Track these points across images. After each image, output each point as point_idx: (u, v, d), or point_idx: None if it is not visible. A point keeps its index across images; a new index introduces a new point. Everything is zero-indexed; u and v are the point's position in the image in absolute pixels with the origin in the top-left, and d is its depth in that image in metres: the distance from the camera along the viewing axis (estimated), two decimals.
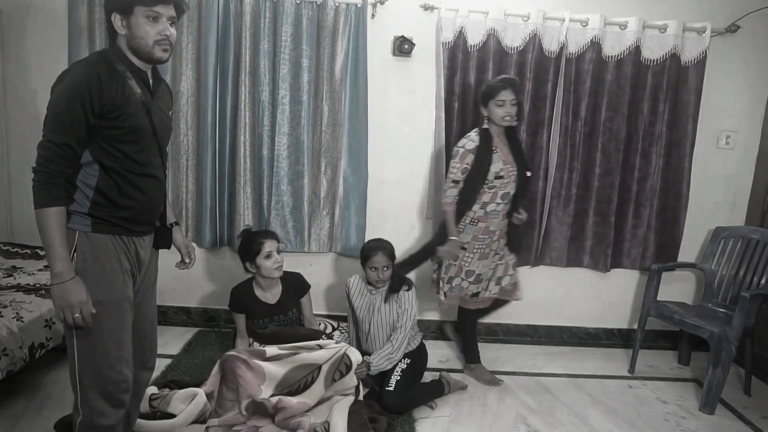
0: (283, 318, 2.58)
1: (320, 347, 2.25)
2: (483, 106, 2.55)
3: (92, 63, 1.47)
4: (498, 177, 2.52)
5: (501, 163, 2.52)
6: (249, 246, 2.49)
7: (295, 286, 2.63)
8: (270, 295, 2.58)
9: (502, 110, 2.48)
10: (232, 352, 2.23)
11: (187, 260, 1.93)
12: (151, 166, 1.58)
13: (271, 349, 2.24)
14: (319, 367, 2.21)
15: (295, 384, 2.19)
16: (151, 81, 1.60)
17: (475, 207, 2.56)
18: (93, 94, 1.41)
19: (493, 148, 2.52)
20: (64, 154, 1.41)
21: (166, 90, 1.71)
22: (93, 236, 1.50)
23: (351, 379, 2.24)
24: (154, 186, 1.60)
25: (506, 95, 2.47)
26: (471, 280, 2.65)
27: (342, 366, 2.23)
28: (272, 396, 2.15)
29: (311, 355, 2.22)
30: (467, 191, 2.54)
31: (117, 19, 1.49)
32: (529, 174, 2.64)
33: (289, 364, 2.21)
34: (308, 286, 2.66)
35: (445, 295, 2.70)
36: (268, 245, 2.47)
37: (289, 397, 2.14)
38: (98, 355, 1.52)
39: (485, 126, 2.55)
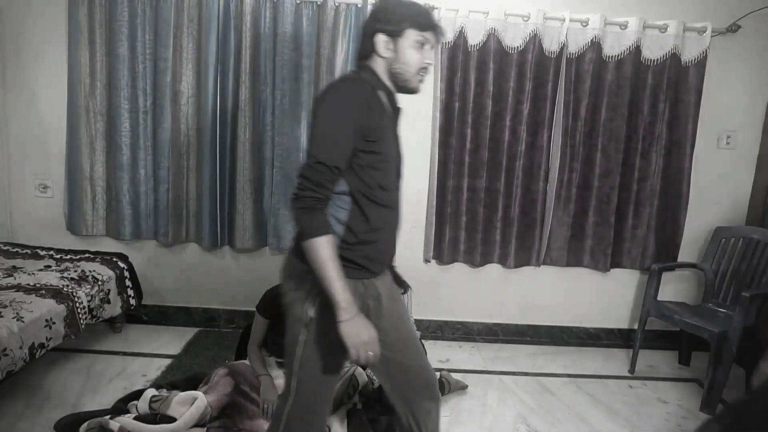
0: None
1: None
2: None
3: (359, 82, 1.37)
4: None
5: None
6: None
7: None
8: None
9: None
10: (242, 385, 2.19)
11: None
12: (393, 196, 1.45)
13: (280, 381, 2.22)
14: None
15: None
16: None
17: None
18: (362, 114, 1.31)
19: None
20: (334, 178, 1.30)
21: (400, 113, 1.55)
22: None
23: (355, 398, 2.29)
24: (395, 219, 1.47)
25: None
26: None
27: (350, 388, 2.26)
28: None
29: None
30: None
31: (383, 41, 1.39)
32: None
33: None
34: None
35: None
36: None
37: None
38: (310, 402, 1.42)
39: None
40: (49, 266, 2.74)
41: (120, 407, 2.16)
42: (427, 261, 3.20)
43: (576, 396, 2.69)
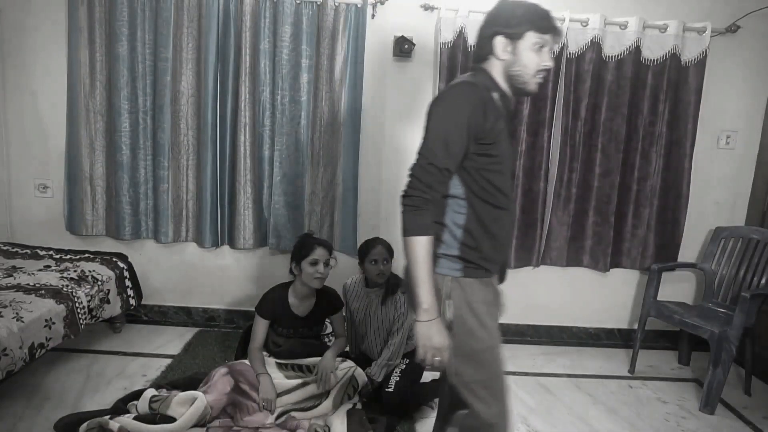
0: (307, 332, 2.46)
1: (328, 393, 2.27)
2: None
3: (475, 85, 1.36)
4: None
5: None
6: (301, 247, 2.38)
7: (328, 302, 2.47)
8: (303, 307, 2.42)
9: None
10: (242, 384, 2.20)
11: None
12: (509, 198, 1.44)
13: (279, 381, 2.24)
14: (328, 391, 2.25)
15: (302, 402, 2.23)
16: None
17: None
18: (477, 117, 1.31)
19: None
20: (444, 180, 1.33)
21: (516, 115, 1.53)
22: (464, 281, 1.38)
23: (355, 398, 2.30)
24: (511, 220, 1.48)
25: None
26: None
27: (350, 389, 2.27)
28: (281, 415, 2.17)
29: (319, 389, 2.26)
30: None
31: (501, 44, 1.39)
32: None
33: (299, 394, 2.25)
34: (342, 304, 2.52)
35: None
36: (318, 252, 2.32)
37: (299, 412, 2.20)
38: (494, 406, 1.42)
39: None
40: (49, 266, 2.74)
41: (120, 407, 2.16)
42: None
43: (576, 396, 2.69)
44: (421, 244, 1.31)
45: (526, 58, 1.38)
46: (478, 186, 1.37)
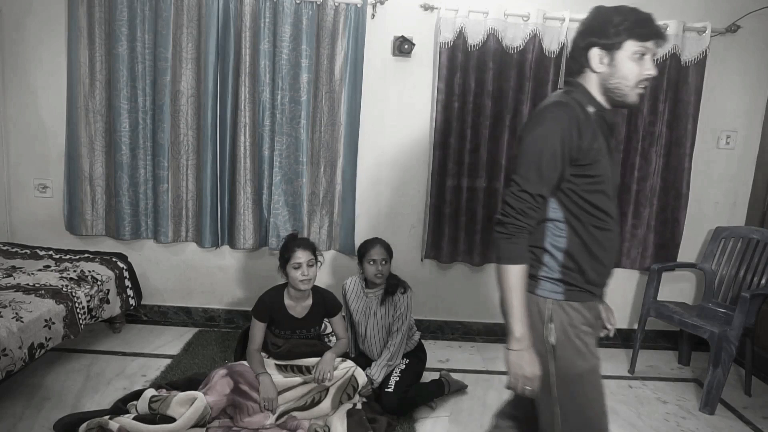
0: (305, 334, 2.41)
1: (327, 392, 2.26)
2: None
3: (569, 105, 1.29)
4: None
5: None
6: (284, 251, 2.35)
7: (325, 305, 2.43)
8: (299, 308, 2.39)
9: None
10: (242, 384, 2.19)
11: (609, 326, 1.62)
12: (612, 218, 1.36)
13: (278, 380, 2.24)
14: (327, 389, 2.24)
15: (301, 400, 2.23)
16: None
17: None
18: (572, 140, 1.26)
19: None
20: (537, 206, 1.29)
21: (615, 128, 1.44)
22: (566, 305, 1.34)
23: (355, 398, 2.29)
24: (615, 241, 1.40)
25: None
26: None
27: (349, 388, 2.25)
28: (281, 416, 2.18)
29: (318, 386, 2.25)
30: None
31: (597, 55, 1.30)
32: None
33: (299, 391, 2.25)
34: (340, 307, 2.47)
35: None
36: (300, 255, 2.28)
37: (299, 411, 2.20)
38: (583, 428, 1.39)
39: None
40: (49, 266, 2.74)
41: (119, 407, 2.16)
42: (422, 260, 3.21)
43: None
44: (514, 272, 1.29)
45: (626, 69, 1.28)
46: (578, 208, 1.32)
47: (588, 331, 1.37)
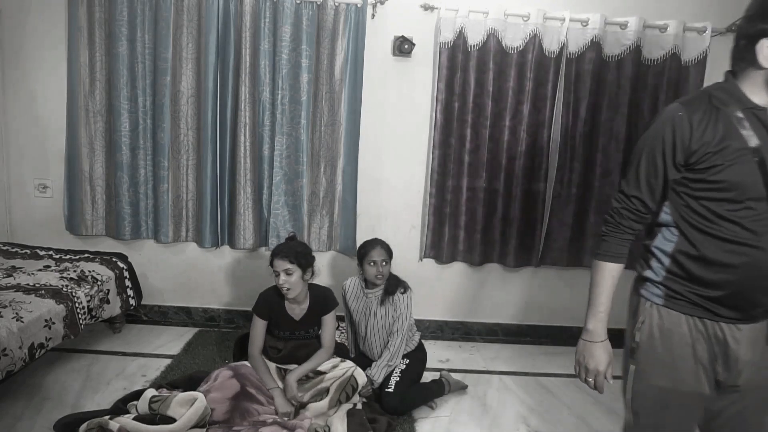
0: (304, 334, 2.40)
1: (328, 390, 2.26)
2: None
3: (688, 104, 1.21)
4: None
5: None
6: (270, 258, 2.33)
7: (320, 302, 2.39)
8: (298, 309, 2.36)
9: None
10: (248, 387, 2.20)
11: None
12: (748, 230, 1.17)
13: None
14: (327, 388, 2.24)
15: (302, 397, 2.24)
16: None
17: None
18: (677, 141, 1.17)
19: None
20: (633, 208, 1.28)
21: None
22: (664, 310, 1.27)
23: (355, 398, 2.29)
24: (757, 260, 1.17)
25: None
26: None
27: (348, 388, 2.25)
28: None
29: (320, 386, 2.26)
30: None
31: (767, 47, 1.12)
32: None
33: (300, 391, 2.26)
34: (334, 305, 2.41)
35: None
36: (277, 264, 2.26)
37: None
38: None
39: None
40: (49, 266, 2.74)
41: (119, 407, 2.16)
42: (421, 259, 3.21)
43: (576, 396, 2.69)
44: (603, 269, 1.32)
45: None
46: (693, 213, 1.22)
47: (687, 352, 1.24)
